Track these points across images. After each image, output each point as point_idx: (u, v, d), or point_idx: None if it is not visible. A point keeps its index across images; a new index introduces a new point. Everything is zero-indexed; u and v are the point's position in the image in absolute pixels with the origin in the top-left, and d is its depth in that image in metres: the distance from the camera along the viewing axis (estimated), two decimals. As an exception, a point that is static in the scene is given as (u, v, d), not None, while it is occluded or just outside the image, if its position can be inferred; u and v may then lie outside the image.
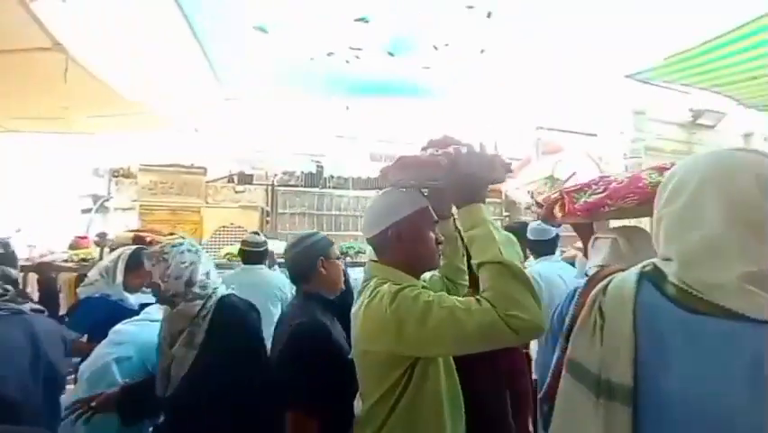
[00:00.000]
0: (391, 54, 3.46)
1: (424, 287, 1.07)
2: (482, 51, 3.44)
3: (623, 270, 0.78)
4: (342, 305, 1.50)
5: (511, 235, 0.98)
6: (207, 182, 6.98)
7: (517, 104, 7.73)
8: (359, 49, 3.32)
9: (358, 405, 1.11)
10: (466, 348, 0.94)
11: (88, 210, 6.71)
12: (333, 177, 7.07)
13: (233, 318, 1.55)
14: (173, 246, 1.58)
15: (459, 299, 0.92)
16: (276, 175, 6.86)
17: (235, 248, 4.38)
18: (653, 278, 0.69)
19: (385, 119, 12.30)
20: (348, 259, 4.28)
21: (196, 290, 1.56)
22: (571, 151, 6.75)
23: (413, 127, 12.51)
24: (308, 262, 1.60)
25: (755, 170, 0.62)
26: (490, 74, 4.11)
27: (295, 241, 1.70)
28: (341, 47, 3.29)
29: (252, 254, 3.11)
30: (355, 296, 1.19)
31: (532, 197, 7.15)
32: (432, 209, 1.18)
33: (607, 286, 0.75)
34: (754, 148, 0.76)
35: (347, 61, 3.53)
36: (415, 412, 1.00)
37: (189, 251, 1.61)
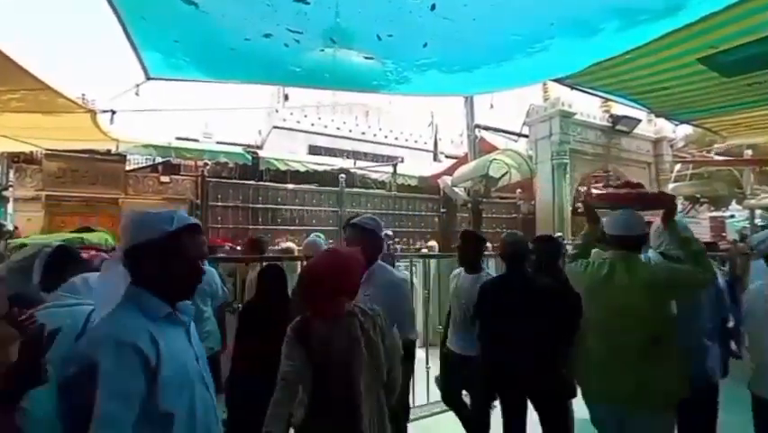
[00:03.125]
0: (333, 41, 3.28)
1: None
2: (425, 45, 3.38)
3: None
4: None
5: None
6: (127, 171, 6.45)
7: (457, 102, 8.02)
8: (299, 32, 3.09)
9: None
10: (699, 287, 1.86)
11: (-20, 200, 5.92)
12: (270, 169, 6.84)
13: None
14: None
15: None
16: (206, 165, 6.48)
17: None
18: None
19: (327, 111, 12.15)
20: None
21: None
22: (505, 151, 7.09)
23: (354, 121, 12.49)
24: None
25: None
26: (431, 70, 4.10)
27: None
28: (279, 29, 3.05)
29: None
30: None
31: (468, 194, 7.46)
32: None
33: None
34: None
35: (285, 45, 3.30)
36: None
37: None
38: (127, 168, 6.48)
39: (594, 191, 2.24)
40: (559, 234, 5.82)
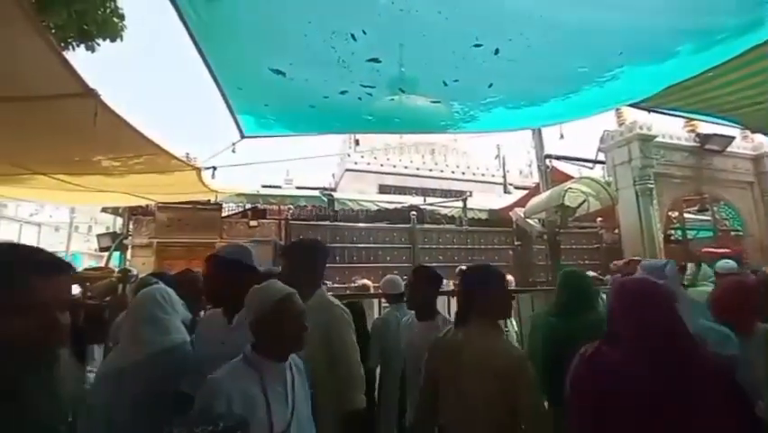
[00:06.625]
0: (402, 91, 3.51)
1: None
2: (490, 86, 3.48)
3: None
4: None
5: None
6: (222, 218, 7.21)
7: (524, 133, 7.95)
8: (371, 87, 3.38)
9: None
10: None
11: (107, 248, 6.94)
12: (343, 210, 7.24)
13: None
14: None
15: None
16: (289, 209, 7.05)
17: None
18: None
19: (395, 152, 12.66)
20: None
21: None
22: (581, 179, 6.81)
23: (421, 159, 12.82)
24: None
25: None
26: (498, 108, 4.15)
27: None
28: (353, 86, 3.35)
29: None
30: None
31: (543, 225, 7.22)
32: None
33: None
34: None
35: (359, 99, 3.60)
36: None
37: None
38: (222, 215, 7.22)
39: None
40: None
